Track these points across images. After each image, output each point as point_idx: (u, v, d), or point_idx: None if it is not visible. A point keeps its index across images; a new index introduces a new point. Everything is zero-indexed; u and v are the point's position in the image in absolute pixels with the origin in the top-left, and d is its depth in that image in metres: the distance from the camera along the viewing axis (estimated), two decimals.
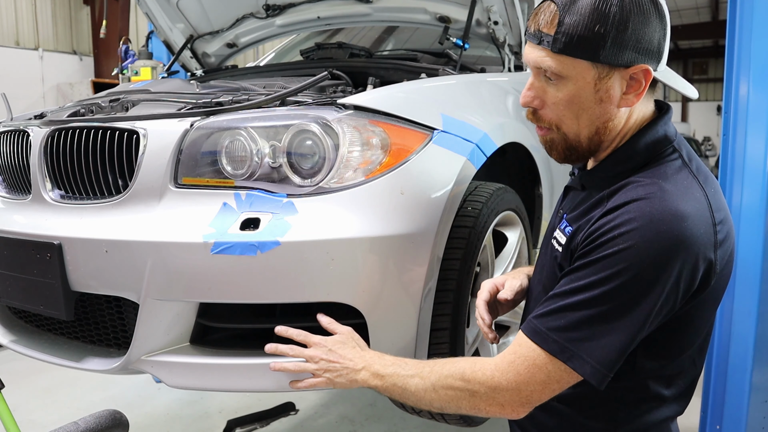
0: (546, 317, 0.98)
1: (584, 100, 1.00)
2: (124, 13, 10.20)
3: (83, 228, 1.51)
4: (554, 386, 0.98)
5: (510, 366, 0.99)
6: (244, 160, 1.43)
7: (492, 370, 1.01)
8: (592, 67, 0.97)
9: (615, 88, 0.99)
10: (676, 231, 0.91)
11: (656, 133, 1.04)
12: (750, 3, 2.14)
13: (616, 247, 0.92)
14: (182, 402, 3.07)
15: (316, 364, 1.24)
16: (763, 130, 2.15)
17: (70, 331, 1.71)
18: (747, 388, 2.24)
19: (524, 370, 0.98)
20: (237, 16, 2.73)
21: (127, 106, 1.73)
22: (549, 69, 0.99)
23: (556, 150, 1.09)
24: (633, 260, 0.91)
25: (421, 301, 1.45)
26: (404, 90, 1.68)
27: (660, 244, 0.91)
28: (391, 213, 1.40)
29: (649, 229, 0.91)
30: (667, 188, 0.96)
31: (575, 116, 1.02)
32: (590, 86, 0.99)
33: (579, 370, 0.94)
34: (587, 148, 1.06)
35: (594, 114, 1.01)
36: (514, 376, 0.99)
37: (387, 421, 2.85)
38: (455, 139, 1.58)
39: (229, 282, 1.36)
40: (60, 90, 10.70)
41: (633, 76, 0.98)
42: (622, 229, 0.93)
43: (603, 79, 0.98)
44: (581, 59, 0.97)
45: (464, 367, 1.04)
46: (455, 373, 1.04)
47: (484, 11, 2.20)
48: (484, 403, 1.02)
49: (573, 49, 0.96)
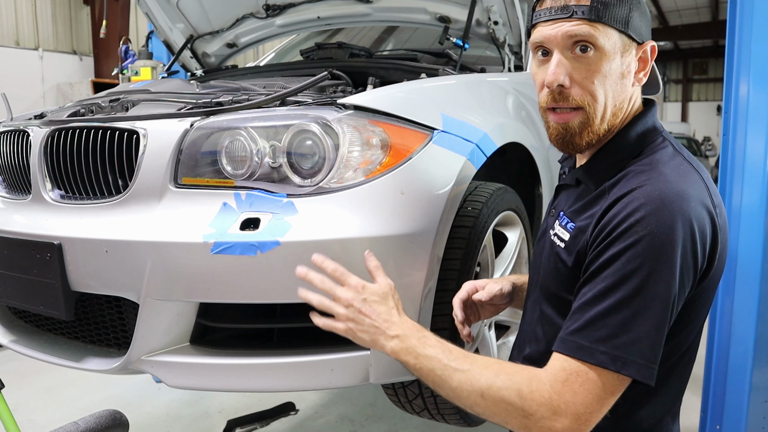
0: (585, 330, 0.93)
1: (613, 72, 1.02)
2: (124, 13, 10.21)
3: (83, 228, 1.51)
4: (610, 399, 0.93)
5: (565, 386, 0.93)
6: (244, 160, 1.44)
7: (549, 392, 0.93)
8: (620, 38, 1.01)
9: (632, 63, 1.03)
10: (685, 209, 0.92)
11: (646, 123, 1.07)
12: (750, 3, 2.15)
13: (635, 236, 0.92)
14: (182, 402, 3.07)
15: (345, 308, 1.07)
16: (763, 130, 2.15)
17: (70, 331, 1.71)
18: (747, 388, 2.24)
19: (580, 388, 0.92)
20: (237, 16, 2.73)
21: (127, 106, 1.73)
22: (587, 38, 0.99)
23: (570, 133, 1.05)
24: (654, 245, 0.91)
25: (421, 301, 1.45)
26: (404, 90, 1.68)
27: (674, 223, 0.91)
28: (391, 213, 1.40)
29: (662, 211, 0.91)
30: (666, 172, 0.97)
31: (604, 91, 1.02)
32: (618, 58, 1.01)
33: (636, 375, 0.91)
34: (599, 132, 1.05)
35: (617, 90, 1.03)
36: (571, 397, 0.92)
37: (387, 421, 2.85)
38: (455, 139, 1.58)
39: (229, 282, 1.36)
40: (60, 90, 10.70)
41: (643, 53, 1.03)
42: (635, 216, 0.93)
43: (626, 53, 1.02)
44: (613, 28, 1.00)
45: (521, 384, 0.95)
46: (511, 387, 0.95)
47: (484, 11, 2.20)
48: (537, 427, 0.94)
49: (608, 17, 0.99)
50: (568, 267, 1.04)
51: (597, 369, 0.91)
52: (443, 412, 1.68)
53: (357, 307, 1.06)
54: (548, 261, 1.11)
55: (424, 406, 1.68)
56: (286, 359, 1.42)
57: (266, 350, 1.46)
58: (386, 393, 1.75)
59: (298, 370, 1.42)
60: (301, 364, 1.41)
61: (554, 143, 1.10)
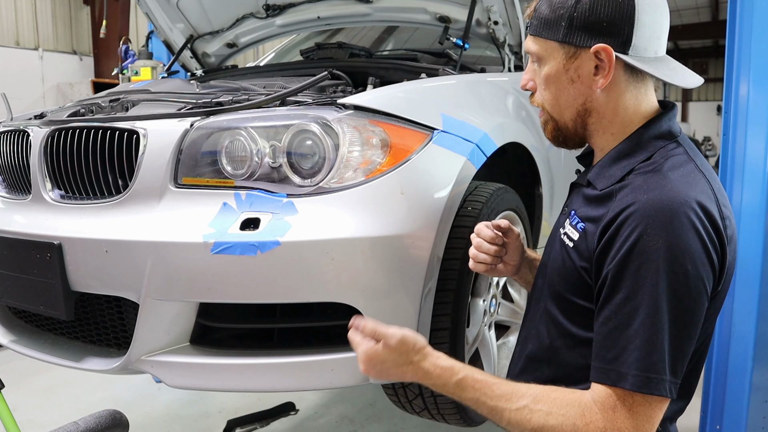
0: (618, 359, 0.94)
1: (558, 79, 1.08)
2: (124, 13, 10.20)
3: (83, 228, 1.51)
4: (659, 415, 0.95)
5: (615, 413, 0.94)
6: (244, 160, 1.43)
7: (603, 421, 0.94)
8: (560, 47, 1.07)
9: (583, 68, 1.06)
10: (692, 218, 0.92)
11: (660, 127, 1.07)
12: (750, 3, 2.14)
13: (647, 252, 0.92)
14: (182, 402, 3.07)
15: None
16: (763, 130, 2.15)
17: (70, 331, 1.71)
18: (747, 388, 2.23)
19: (629, 413, 0.93)
20: (237, 16, 2.73)
21: (127, 106, 1.73)
22: (528, 51, 1.11)
23: (547, 131, 1.17)
24: (663, 260, 0.91)
25: (421, 301, 1.45)
26: (404, 90, 1.68)
27: (683, 234, 0.92)
28: (391, 213, 1.40)
29: (671, 224, 0.92)
30: (674, 178, 0.97)
31: (554, 96, 1.10)
32: (561, 66, 1.07)
33: (670, 394, 0.93)
34: (573, 130, 1.12)
35: (570, 95, 1.09)
36: (622, 423, 0.93)
37: (387, 421, 2.85)
38: (455, 139, 1.58)
39: (229, 282, 1.36)
40: (60, 90, 10.70)
41: (599, 56, 1.04)
42: (639, 229, 0.93)
43: (571, 59, 1.06)
44: (549, 40, 1.07)
45: (575, 419, 0.96)
46: (566, 423, 0.96)
47: (484, 11, 2.20)
48: None
49: (542, 30, 1.08)
50: (576, 267, 1.04)
51: (641, 397, 0.93)
52: (443, 412, 1.68)
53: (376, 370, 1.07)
54: (556, 259, 1.11)
55: (424, 406, 1.68)
56: (286, 359, 1.42)
57: (266, 350, 1.46)
58: (386, 393, 1.75)
59: (298, 370, 1.41)
60: (301, 364, 1.41)
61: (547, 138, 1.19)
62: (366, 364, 1.06)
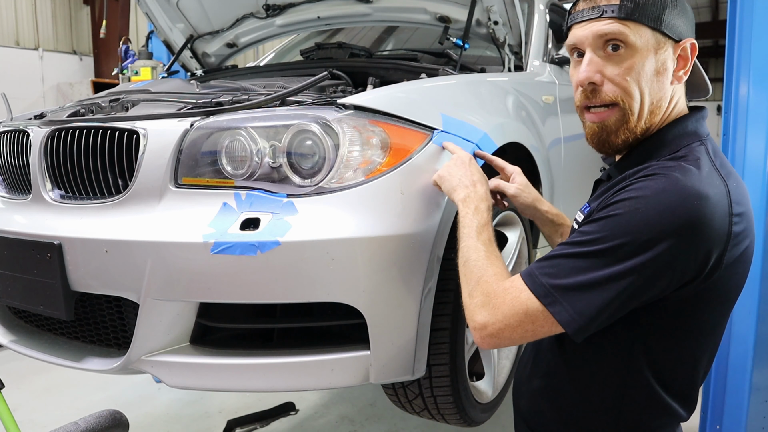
0: (542, 262, 1.00)
1: (647, 70, 1.03)
2: (124, 13, 10.20)
3: (83, 228, 1.51)
4: (528, 327, 0.98)
5: (504, 292, 1.01)
6: (244, 160, 1.43)
7: (493, 289, 1.02)
8: (653, 35, 1.02)
9: (669, 61, 1.03)
10: (688, 208, 0.91)
11: (686, 126, 1.06)
12: (750, 3, 2.14)
13: (621, 210, 0.93)
14: (182, 402, 3.07)
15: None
16: (763, 130, 2.15)
17: (70, 331, 1.71)
18: (747, 388, 2.24)
19: (510, 301, 0.99)
20: (237, 16, 2.73)
21: (127, 106, 1.72)
22: (617, 35, 1.01)
23: (606, 132, 1.07)
24: (634, 224, 0.92)
25: (421, 301, 1.45)
26: (404, 90, 1.68)
27: (667, 216, 0.91)
28: (391, 213, 1.40)
29: (659, 200, 0.92)
30: (687, 168, 0.96)
31: (638, 87, 1.03)
32: (652, 55, 1.02)
33: (557, 316, 0.95)
34: (636, 130, 1.06)
35: (653, 88, 1.04)
36: (500, 302, 1.00)
37: (387, 421, 2.85)
38: (455, 139, 1.57)
39: (229, 282, 1.36)
40: (60, 90, 10.70)
41: (682, 51, 1.02)
42: (631, 194, 0.94)
43: (660, 50, 1.03)
44: (645, 26, 1.01)
45: (487, 271, 1.06)
46: (480, 268, 1.07)
47: (484, 11, 2.20)
48: (468, 310, 1.05)
49: (639, 14, 1.01)
50: None
51: (530, 294, 0.98)
52: (443, 411, 1.68)
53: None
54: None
55: (424, 406, 1.68)
56: (286, 359, 1.42)
57: (266, 350, 1.46)
58: (386, 393, 1.75)
59: (298, 370, 1.41)
60: (301, 364, 1.41)
61: (591, 143, 1.11)
62: (443, 170, 1.34)
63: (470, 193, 1.22)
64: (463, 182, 1.26)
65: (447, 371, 1.57)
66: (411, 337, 1.46)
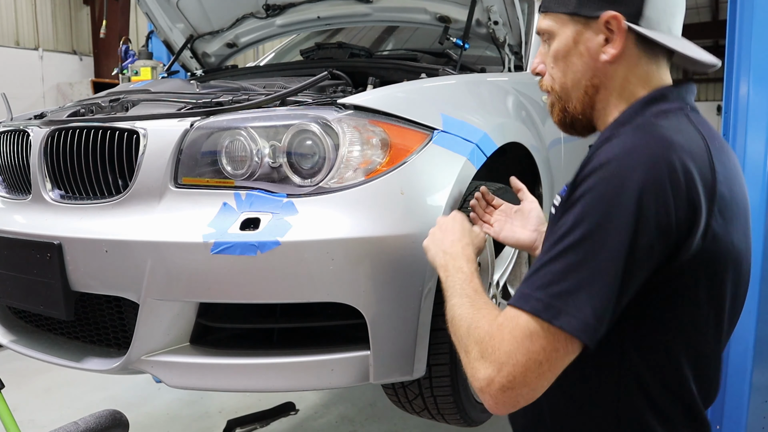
0: (529, 279, 0.89)
1: (568, 54, 1.06)
2: (124, 13, 10.20)
3: (83, 228, 1.51)
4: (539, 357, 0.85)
5: (498, 330, 0.88)
6: (244, 160, 1.43)
7: (486, 332, 0.90)
8: (570, 20, 1.05)
9: (593, 41, 1.03)
10: (659, 153, 0.86)
11: (654, 94, 1.01)
12: (750, 3, 2.15)
13: (587, 185, 0.88)
14: (182, 402, 3.07)
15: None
16: (763, 130, 2.15)
17: (70, 331, 1.71)
18: (747, 388, 2.24)
19: (508, 335, 0.86)
20: (237, 16, 2.73)
21: (127, 106, 1.72)
22: (539, 29, 1.10)
23: (554, 114, 1.13)
24: (605, 191, 0.86)
25: (421, 301, 1.45)
26: (404, 90, 1.68)
27: (638, 166, 0.86)
28: (391, 213, 1.40)
29: (629, 155, 0.87)
30: (660, 123, 0.93)
31: (563, 73, 1.07)
32: (571, 39, 1.05)
33: (566, 327, 0.83)
34: (581, 111, 1.07)
35: (578, 70, 1.05)
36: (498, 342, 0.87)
37: (387, 421, 2.85)
38: (455, 139, 1.57)
39: (229, 282, 1.36)
40: (60, 90, 10.70)
41: (609, 26, 1.01)
42: (597, 162, 0.89)
43: (581, 33, 1.04)
44: (559, 13, 1.06)
45: (474, 320, 0.94)
46: (469, 320, 0.95)
47: (484, 11, 2.20)
48: (469, 367, 0.91)
49: (552, 4, 1.07)
50: None
51: (528, 316, 0.85)
52: (443, 412, 1.68)
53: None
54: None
55: (424, 406, 1.68)
56: (286, 359, 1.42)
57: (266, 350, 1.46)
58: (386, 393, 1.75)
59: (298, 370, 1.41)
60: (301, 364, 1.41)
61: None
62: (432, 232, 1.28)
63: (448, 259, 1.16)
64: (441, 247, 1.20)
65: (447, 371, 1.57)
66: (411, 337, 1.46)
